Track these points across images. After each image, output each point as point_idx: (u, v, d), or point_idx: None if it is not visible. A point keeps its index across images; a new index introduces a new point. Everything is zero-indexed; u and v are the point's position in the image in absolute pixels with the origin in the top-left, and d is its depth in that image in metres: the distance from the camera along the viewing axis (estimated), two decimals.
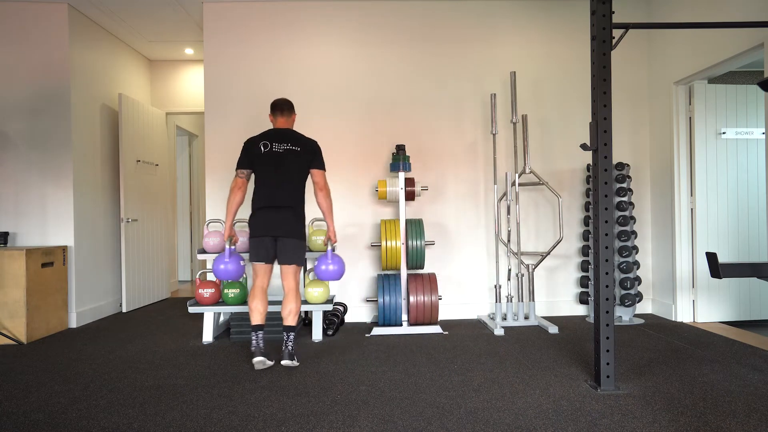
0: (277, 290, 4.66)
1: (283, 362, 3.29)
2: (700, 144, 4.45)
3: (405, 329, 4.17)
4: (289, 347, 3.32)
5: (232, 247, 3.46)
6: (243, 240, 4.12)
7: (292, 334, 3.34)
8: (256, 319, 3.34)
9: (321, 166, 3.42)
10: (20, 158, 4.56)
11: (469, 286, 4.77)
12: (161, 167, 6.09)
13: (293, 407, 2.61)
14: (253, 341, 3.30)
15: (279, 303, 4.11)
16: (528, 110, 4.80)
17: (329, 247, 3.53)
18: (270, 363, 3.29)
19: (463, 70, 4.78)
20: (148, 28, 5.28)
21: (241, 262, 3.49)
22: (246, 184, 3.38)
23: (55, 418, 2.52)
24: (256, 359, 3.24)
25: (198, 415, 2.52)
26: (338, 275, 3.57)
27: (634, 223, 4.50)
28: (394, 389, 2.86)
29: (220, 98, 4.69)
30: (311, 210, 4.70)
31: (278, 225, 3.29)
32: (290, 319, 3.34)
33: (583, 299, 4.56)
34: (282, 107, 3.48)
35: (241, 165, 3.37)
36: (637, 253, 4.50)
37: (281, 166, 3.32)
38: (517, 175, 4.42)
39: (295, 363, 3.31)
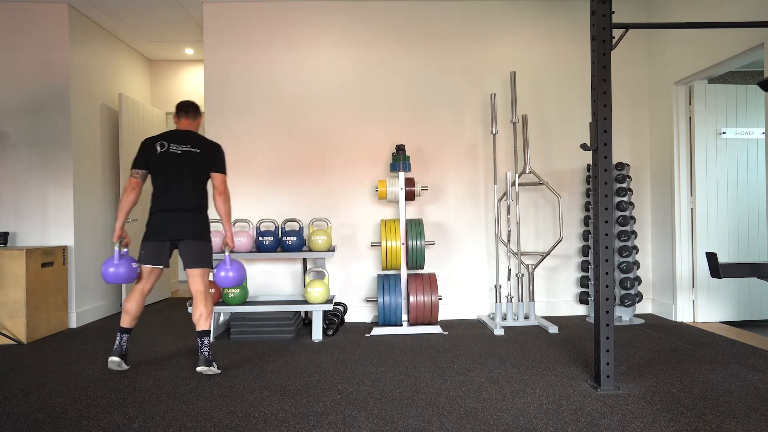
0: (278, 289, 4.67)
1: (198, 369, 3.14)
2: (700, 144, 4.45)
3: (405, 329, 4.17)
4: (205, 353, 3.15)
5: (125, 249, 3.28)
6: (243, 240, 4.12)
7: (206, 339, 3.19)
8: (125, 321, 3.22)
9: (221, 169, 3.30)
10: (20, 158, 4.56)
11: (469, 286, 4.77)
12: None
13: (293, 407, 2.62)
14: (117, 340, 3.21)
15: (280, 303, 4.12)
16: (528, 110, 4.80)
17: (227, 253, 3.37)
18: (126, 367, 3.22)
19: (463, 70, 4.78)
20: (148, 28, 5.28)
21: (134, 265, 3.26)
22: (140, 185, 3.25)
23: (55, 418, 2.52)
24: (112, 358, 3.18)
25: (198, 415, 2.52)
26: (237, 281, 3.36)
27: (634, 223, 4.50)
28: (394, 389, 2.86)
29: (220, 98, 4.69)
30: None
31: (179, 228, 3.18)
32: (201, 324, 3.20)
33: (583, 299, 4.56)
34: (186, 109, 3.36)
35: (135, 165, 3.23)
36: (637, 253, 4.50)
37: (178, 168, 3.19)
38: (517, 175, 4.42)
39: (214, 370, 3.15)
